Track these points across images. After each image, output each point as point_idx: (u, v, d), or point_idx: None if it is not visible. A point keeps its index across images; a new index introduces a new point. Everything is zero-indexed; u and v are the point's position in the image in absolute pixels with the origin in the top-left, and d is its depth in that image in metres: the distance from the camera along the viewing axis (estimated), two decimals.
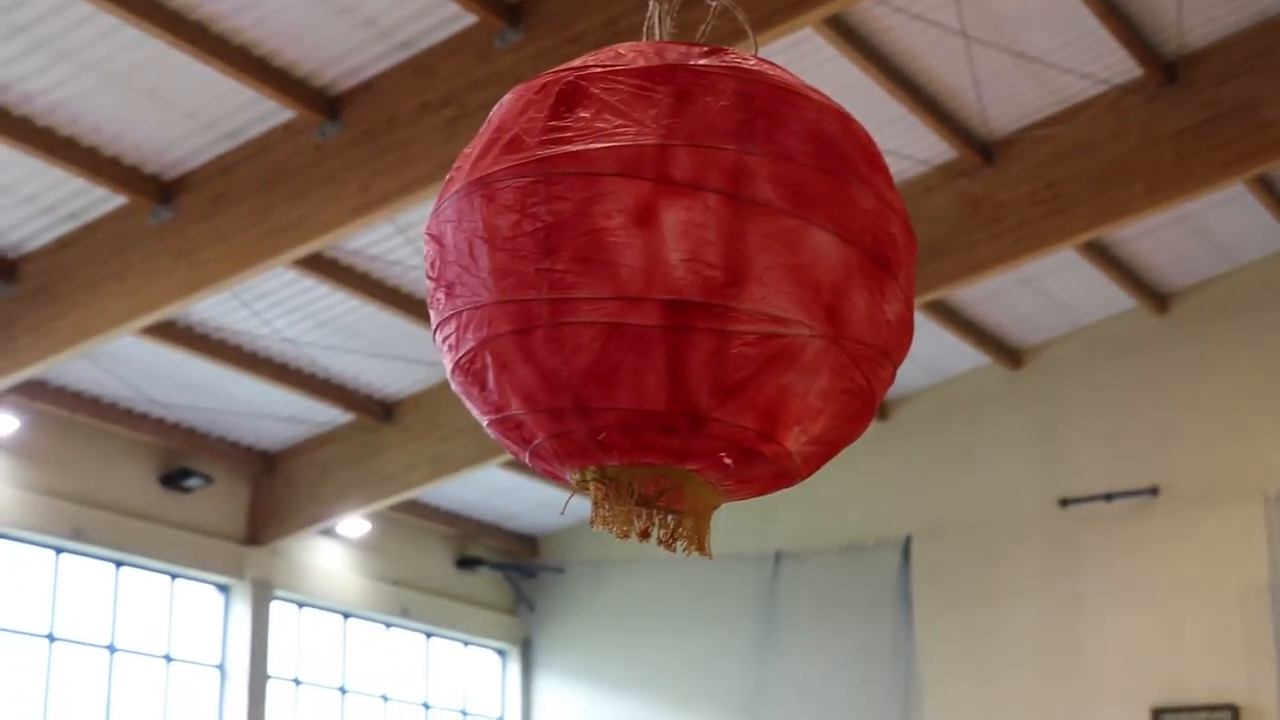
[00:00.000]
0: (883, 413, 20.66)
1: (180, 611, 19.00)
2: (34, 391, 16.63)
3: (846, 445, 3.45)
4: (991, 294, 18.85)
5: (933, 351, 19.56)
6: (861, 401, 3.32)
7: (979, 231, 16.14)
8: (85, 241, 14.68)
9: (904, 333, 3.36)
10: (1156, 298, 19.58)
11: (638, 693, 22.45)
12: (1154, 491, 19.41)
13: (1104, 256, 18.35)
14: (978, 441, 20.77)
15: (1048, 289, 19.16)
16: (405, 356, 17.63)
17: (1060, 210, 15.81)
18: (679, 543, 3.35)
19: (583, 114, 3.21)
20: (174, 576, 18.91)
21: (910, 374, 19.74)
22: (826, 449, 3.38)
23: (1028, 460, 20.39)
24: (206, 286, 14.49)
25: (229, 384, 17.78)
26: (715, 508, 3.39)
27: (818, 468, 3.43)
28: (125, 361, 16.86)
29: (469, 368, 3.38)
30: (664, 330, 3.11)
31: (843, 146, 3.25)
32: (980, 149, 15.99)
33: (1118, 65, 15.24)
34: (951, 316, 19.08)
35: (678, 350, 3.12)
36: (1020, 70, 15.24)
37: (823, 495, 18.83)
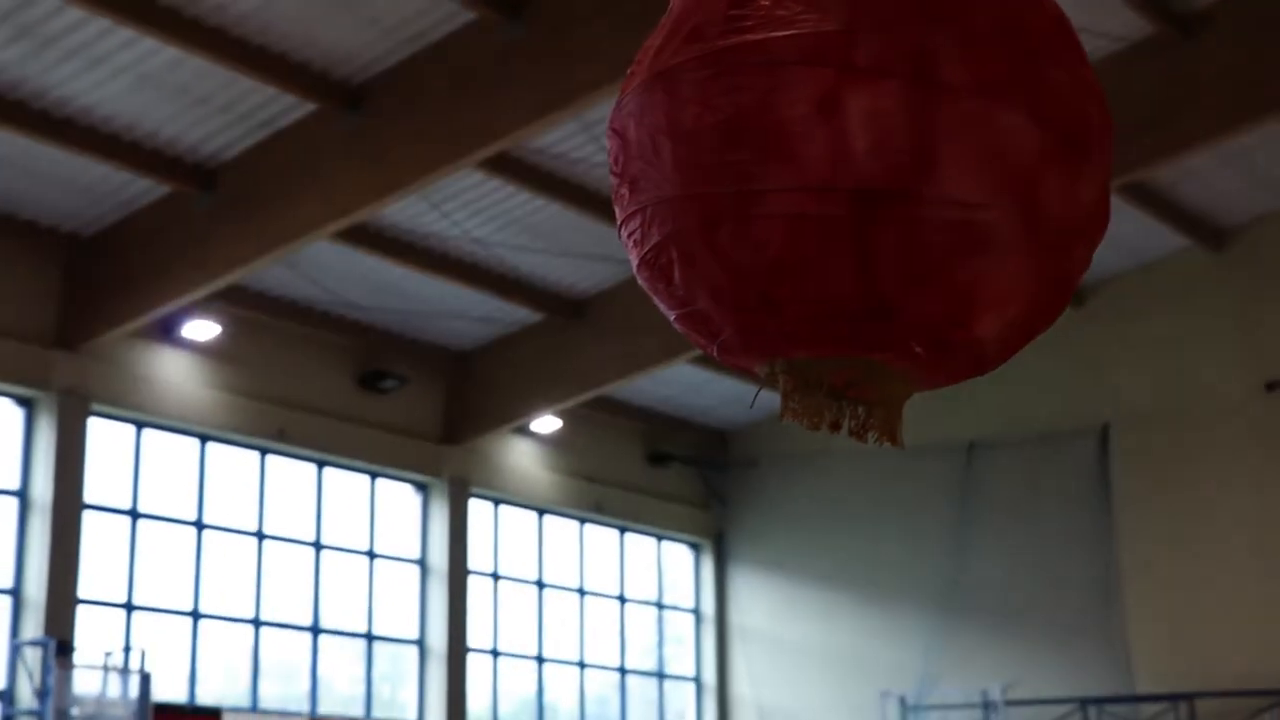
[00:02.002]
0: (1078, 298, 20.25)
1: (381, 509, 19.47)
2: (234, 297, 17.06)
3: (1041, 332, 3.37)
4: (1193, 174, 18.28)
5: (1131, 234, 19.07)
6: (1056, 287, 3.24)
7: (1178, 109, 15.62)
8: (278, 149, 14.97)
9: (1100, 215, 3.26)
10: None
11: (832, 585, 22.50)
12: None
13: None
14: (1179, 326, 20.29)
15: (1253, 166, 18.53)
16: (593, 254, 17.71)
17: (1265, 82, 15.23)
18: (870, 434, 3.32)
19: (763, 2, 3.15)
20: (374, 475, 19.36)
21: (1107, 258, 19.29)
22: (1020, 336, 3.31)
23: (1231, 344, 19.89)
24: (396, 190, 14.70)
25: (421, 286, 18.06)
26: (907, 398, 3.35)
27: (1011, 355, 3.36)
28: (320, 266, 17.20)
29: (655, 263, 3.36)
30: (851, 220, 3.05)
31: (1034, 24, 3.15)
32: (1179, 23, 15.43)
33: None
34: (1151, 198, 18.57)
35: (866, 239, 3.06)
36: None
37: (1017, 383, 18.54)
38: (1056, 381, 20.32)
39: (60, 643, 15.28)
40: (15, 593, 15.73)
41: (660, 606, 23.30)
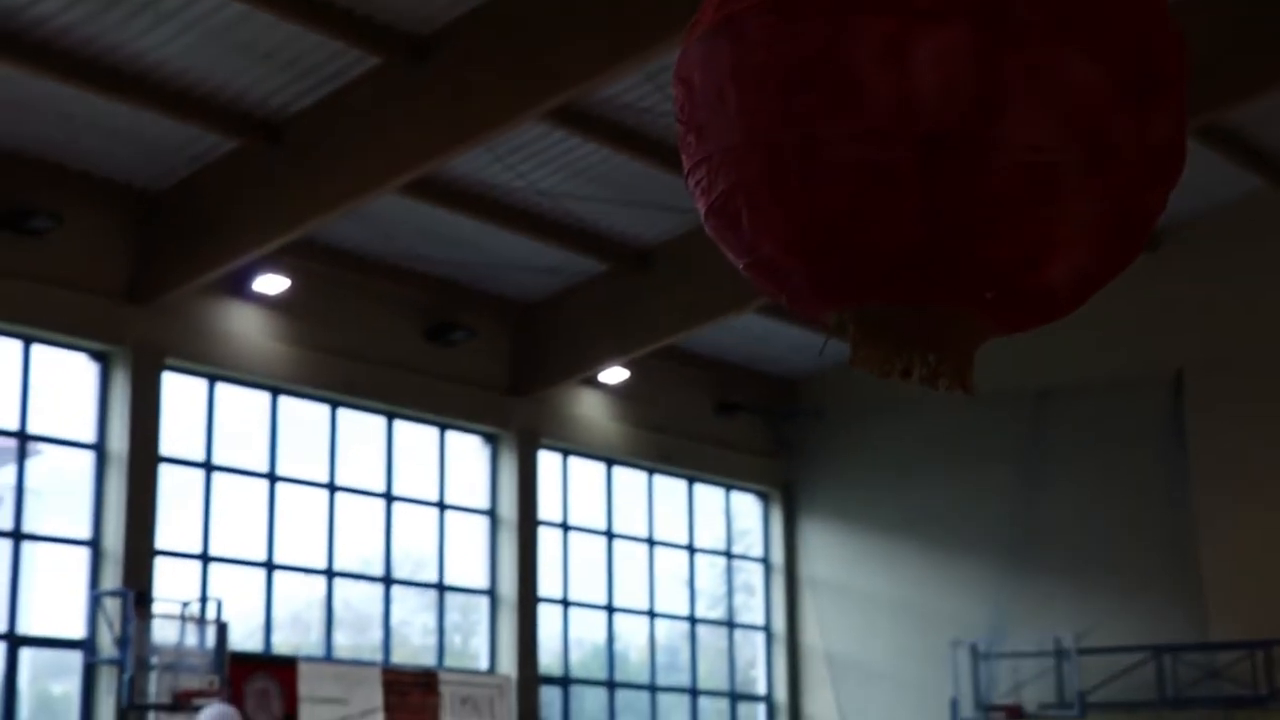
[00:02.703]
0: (1153, 242, 20.00)
1: (450, 461, 19.58)
2: (302, 251, 17.15)
3: (1114, 277, 3.33)
4: (1271, 115, 17.95)
5: (1207, 177, 18.78)
6: (1128, 231, 3.20)
7: (1256, 47, 15.35)
8: (344, 103, 15.01)
9: (1175, 157, 3.21)
10: None
11: (901, 534, 22.45)
12: None
13: None
14: (1256, 270, 20.04)
15: None
16: (659, 204, 17.67)
17: None
18: (941, 382, 3.29)
19: None
20: (443, 428, 19.47)
21: (1183, 201, 18.94)
22: (1092, 281, 3.27)
23: None
24: (462, 143, 14.72)
25: (487, 238, 18.10)
26: (977, 345, 3.32)
27: (1083, 301, 3.32)
28: (388, 219, 17.27)
29: (722, 211, 3.34)
30: (919, 165, 3.03)
31: None
32: None
33: None
34: (1226, 139, 18.28)
35: (934, 185, 3.04)
36: None
37: (1089, 330, 18.32)
38: (1129, 327, 20.12)
39: (138, 593, 15.51)
40: (94, 544, 15.96)
41: (729, 556, 23.34)
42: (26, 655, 15.65)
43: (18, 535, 15.59)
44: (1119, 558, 20.73)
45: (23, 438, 15.78)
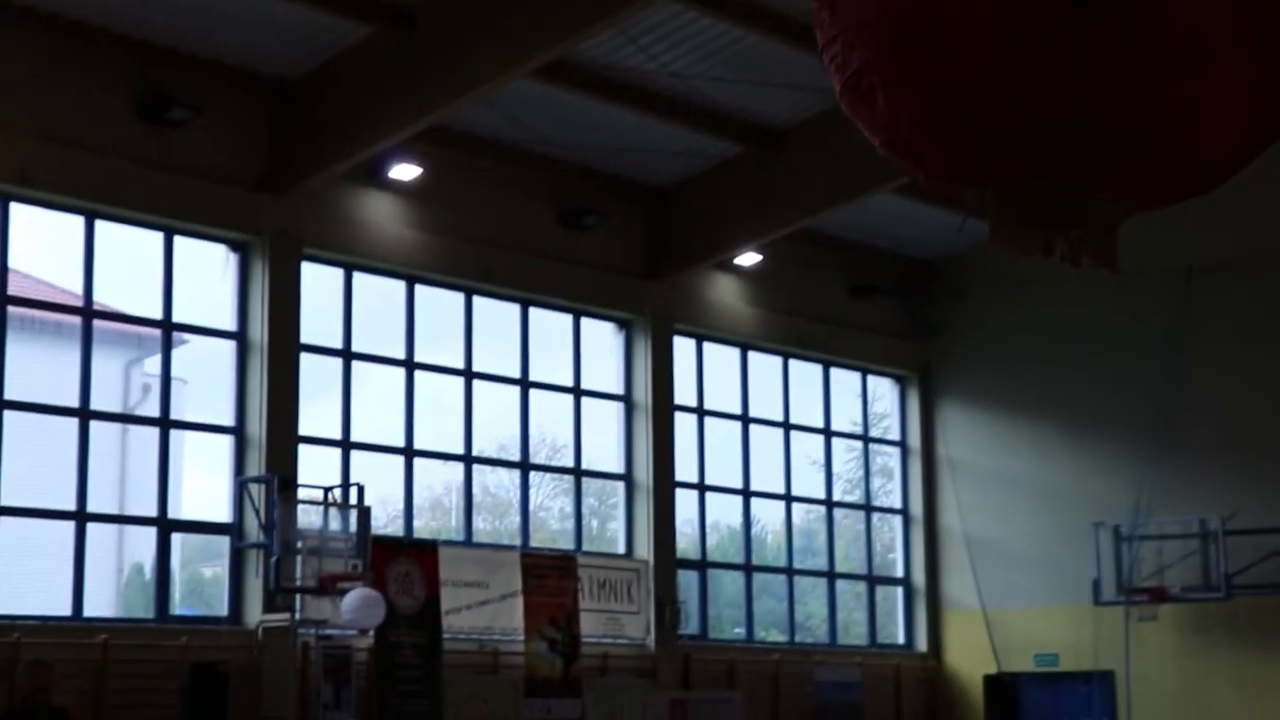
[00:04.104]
0: None
1: (585, 346, 19.65)
2: (434, 138, 17.17)
3: (1267, 147, 3.18)
4: None
5: None
6: None
7: None
8: None
9: None
10: None
11: (1041, 416, 22.20)
12: None
13: None
14: None
15: None
16: (793, 84, 17.42)
17: None
18: (1084, 259, 3.19)
19: None
20: (577, 314, 19.51)
21: None
22: (1245, 151, 3.13)
23: None
24: (592, 24, 14.60)
25: (620, 121, 17.99)
26: (1123, 221, 3.20)
27: (1236, 172, 3.19)
28: (520, 104, 17.21)
29: (857, 87, 3.25)
30: (1062, 36, 2.90)
31: None
32: None
33: None
34: None
35: (1079, 54, 2.91)
36: None
37: (1240, 204, 17.73)
38: None
39: (282, 479, 15.80)
40: (238, 432, 16.27)
41: (866, 440, 23.25)
42: (177, 540, 16.06)
43: (165, 423, 15.94)
44: (1267, 437, 20.34)
45: (167, 328, 16.08)
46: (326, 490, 16.24)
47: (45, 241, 15.75)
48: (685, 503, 20.35)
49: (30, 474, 14.97)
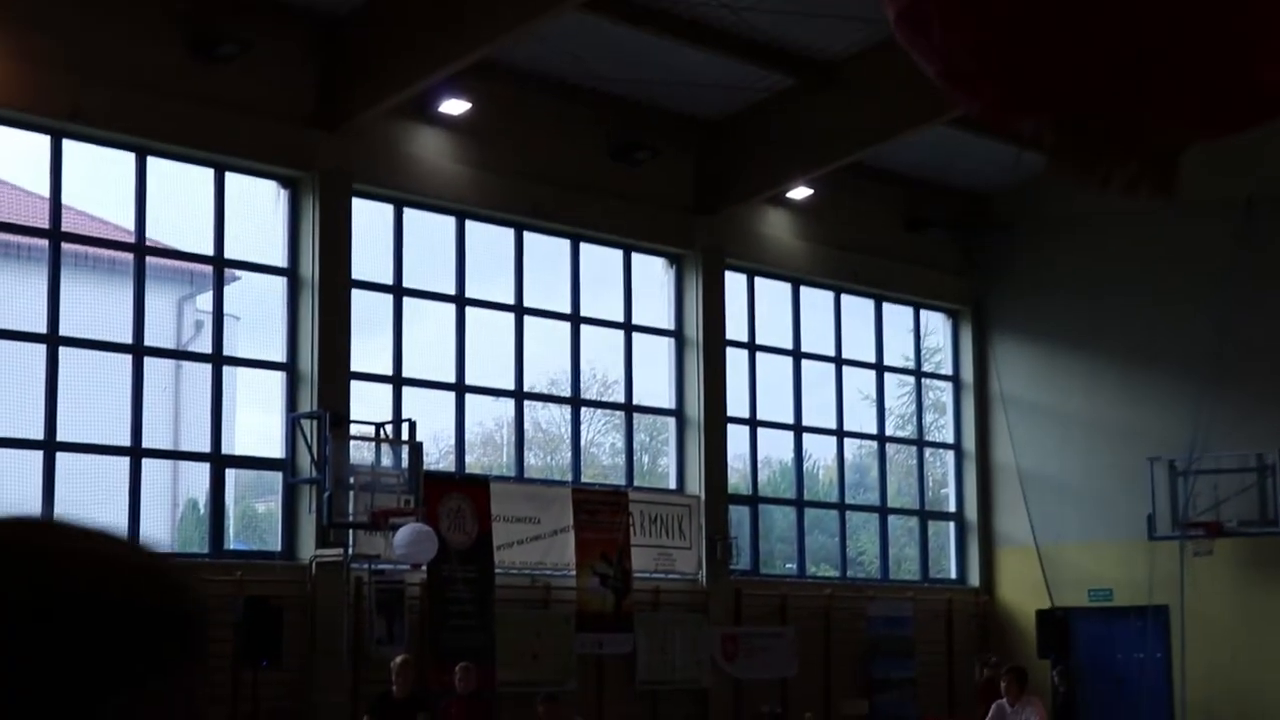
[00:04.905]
0: None
1: (636, 281, 19.58)
2: (483, 73, 17.08)
3: None
4: None
5: None
6: None
7: None
8: None
9: None
10: None
11: (1096, 350, 22.01)
12: None
13: None
14: None
15: None
16: (846, 14, 17.21)
17: None
18: (1142, 189, 3.11)
19: None
20: (627, 249, 19.44)
21: None
22: None
23: None
24: None
25: (671, 54, 17.83)
26: (1181, 150, 3.12)
27: None
28: (569, 38, 17.09)
29: (912, 16, 3.17)
30: None
31: None
32: None
33: None
34: None
35: None
36: None
37: None
38: None
39: (334, 415, 15.85)
40: (290, 368, 16.33)
41: (919, 374, 23.14)
42: (231, 475, 16.17)
43: (218, 359, 16.01)
44: None
45: (219, 264, 16.13)
46: (378, 426, 16.29)
47: (97, 178, 15.80)
48: (737, 438, 20.32)
49: (85, 410, 15.09)
